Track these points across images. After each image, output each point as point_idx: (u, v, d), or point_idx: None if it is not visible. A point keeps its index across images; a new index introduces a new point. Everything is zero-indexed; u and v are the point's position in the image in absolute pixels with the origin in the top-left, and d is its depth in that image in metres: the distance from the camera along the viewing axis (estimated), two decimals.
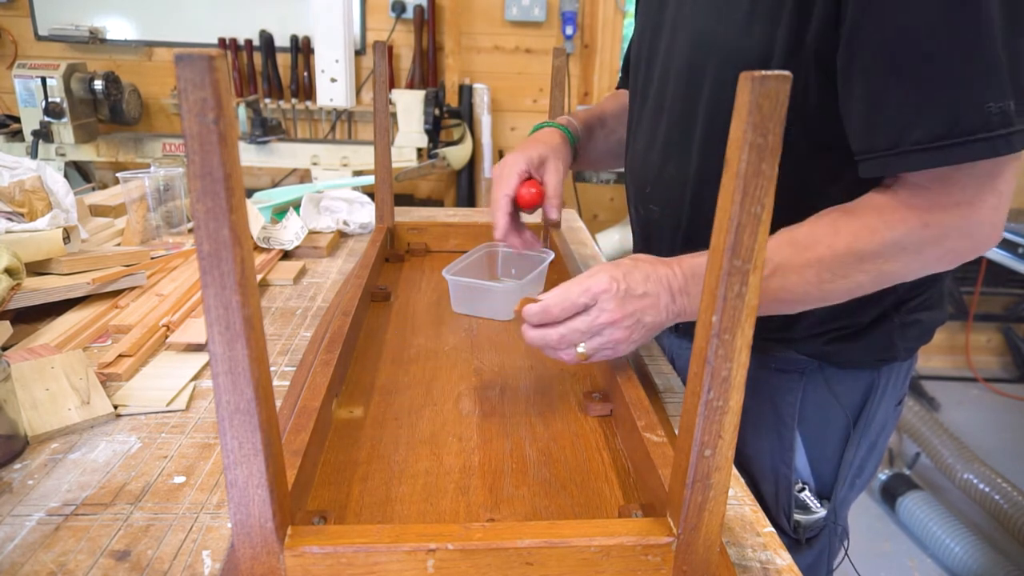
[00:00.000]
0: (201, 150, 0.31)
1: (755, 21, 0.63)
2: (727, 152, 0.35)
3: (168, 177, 1.12)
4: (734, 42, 0.65)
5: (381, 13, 2.53)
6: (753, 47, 0.63)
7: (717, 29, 0.67)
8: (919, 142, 0.54)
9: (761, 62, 0.62)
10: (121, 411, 0.64)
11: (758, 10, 0.62)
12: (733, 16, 0.65)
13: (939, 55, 0.53)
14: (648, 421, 0.56)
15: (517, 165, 0.78)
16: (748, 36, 0.63)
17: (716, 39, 0.67)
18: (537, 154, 0.80)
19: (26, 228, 0.91)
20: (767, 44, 0.62)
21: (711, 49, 0.67)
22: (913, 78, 0.54)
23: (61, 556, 0.46)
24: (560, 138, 0.85)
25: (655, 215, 0.78)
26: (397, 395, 0.68)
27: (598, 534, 0.42)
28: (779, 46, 0.61)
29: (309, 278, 1.03)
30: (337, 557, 0.41)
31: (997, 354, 3.06)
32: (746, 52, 0.64)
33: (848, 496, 0.82)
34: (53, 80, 2.16)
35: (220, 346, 0.34)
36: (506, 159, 0.79)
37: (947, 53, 0.52)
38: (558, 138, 0.85)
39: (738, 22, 0.64)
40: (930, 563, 1.88)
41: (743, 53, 0.64)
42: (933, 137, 0.53)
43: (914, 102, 0.54)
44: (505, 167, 0.78)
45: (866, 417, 0.77)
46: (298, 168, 2.47)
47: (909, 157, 0.55)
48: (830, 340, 0.73)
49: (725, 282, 0.35)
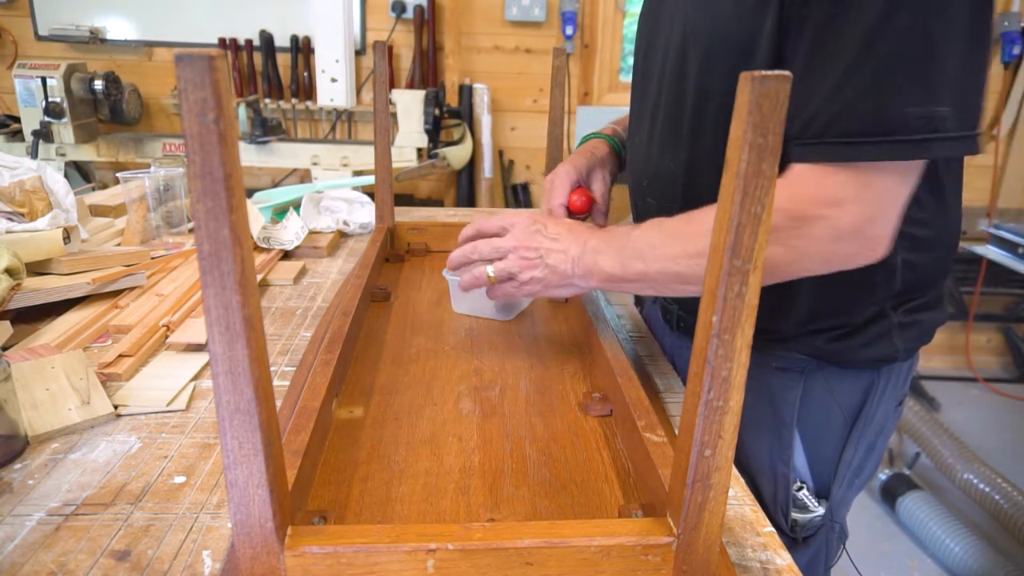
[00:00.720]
0: (201, 150, 0.31)
1: (739, 13, 0.63)
2: (727, 152, 0.35)
3: (168, 177, 1.12)
4: (717, 32, 0.66)
5: (381, 13, 2.53)
6: (737, 39, 0.64)
7: (702, 20, 0.67)
8: (842, 134, 0.55)
9: (745, 54, 0.63)
10: (121, 411, 0.64)
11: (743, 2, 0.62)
12: (717, 8, 0.65)
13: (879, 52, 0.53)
14: (648, 421, 0.56)
15: (569, 176, 0.83)
16: (732, 28, 0.64)
17: (701, 30, 0.68)
18: (586, 165, 0.85)
19: (26, 228, 0.91)
20: (751, 35, 0.62)
21: (697, 40, 0.68)
22: (847, 71, 0.54)
23: (61, 556, 0.46)
24: (607, 148, 0.89)
25: (652, 208, 0.79)
26: (397, 395, 0.68)
27: (598, 534, 0.42)
28: (764, 38, 0.61)
29: (309, 278, 1.03)
30: (337, 557, 0.41)
31: (997, 354, 3.06)
32: (730, 44, 0.64)
33: (847, 496, 0.82)
34: (53, 80, 2.16)
35: (220, 346, 0.34)
36: (557, 170, 0.84)
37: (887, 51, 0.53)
38: (605, 149, 0.89)
39: (722, 14, 0.65)
40: (930, 563, 1.88)
41: (727, 45, 0.65)
42: (852, 132, 0.54)
43: (842, 96, 0.55)
44: (557, 178, 0.83)
45: (865, 417, 0.77)
46: (298, 168, 2.47)
47: (806, 148, 0.56)
48: (829, 339, 0.73)
49: (725, 282, 0.35)
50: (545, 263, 0.67)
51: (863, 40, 0.54)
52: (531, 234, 0.69)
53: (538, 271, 0.68)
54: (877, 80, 0.54)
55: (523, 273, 0.68)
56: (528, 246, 0.68)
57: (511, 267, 0.69)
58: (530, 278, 0.68)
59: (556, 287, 0.68)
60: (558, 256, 0.67)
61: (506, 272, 0.69)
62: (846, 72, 0.55)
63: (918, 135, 0.53)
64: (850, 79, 0.55)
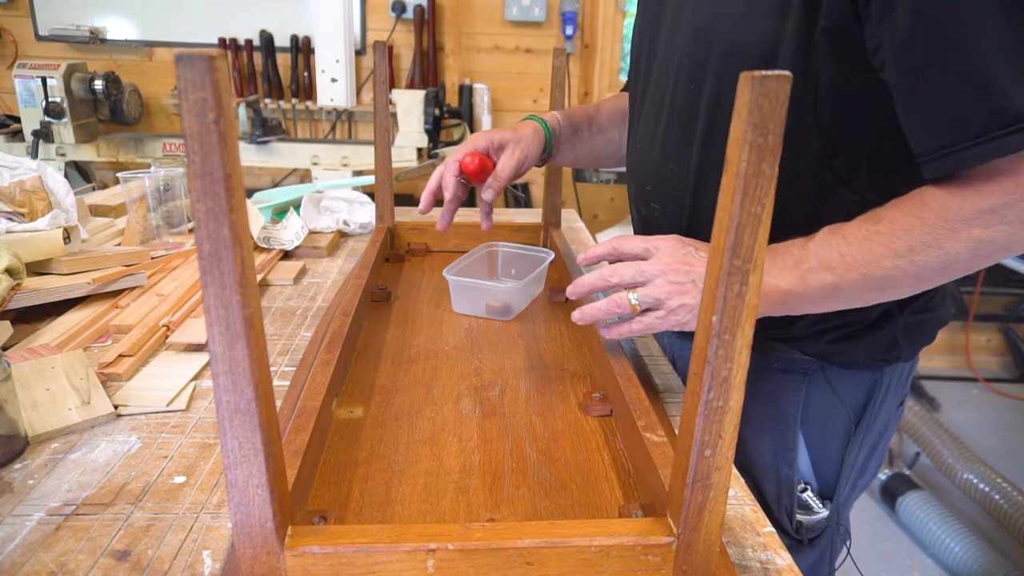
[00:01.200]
0: (201, 150, 0.31)
1: (758, 14, 0.62)
2: (727, 152, 0.35)
3: (168, 177, 1.12)
4: (736, 36, 0.64)
5: (381, 13, 2.53)
6: (757, 41, 0.62)
7: (719, 23, 0.66)
8: (978, 135, 0.52)
9: (767, 56, 0.62)
10: (121, 411, 0.64)
11: (761, 3, 0.62)
12: (734, 9, 0.64)
13: (982, 47, 0.51)
14: (648, 421, 0.56)
15: (475, 142, 0.82)
16: (751, 30, 0.63)
17: (718, 33, 0.66)
18: (499, 137, 0.83)
19: (26, 228, 0.91)
20: (773, 37, 0.61)
21: (713, 43, 0.67)
22: (959, 71, 0.52)
23: (61, 556, 0.46)
24: (532, 129, 0.87)
25: (656, 213, 0.78)
26: (397, 395, 0.68)
27: (598, 534, 0.42)
28: (788, 39, 0.60)
29: (309, 278, 1.03)
30: (337, 557, 0.41)
31: (997, 354, 3.06)
32: (750, 46, 0.63)
33: (850, 496, 0.82)
34: (53, 80, 2.16)
35: (220, 346, 0.34)
36: (470, 136, 0.83)
37: (991, 44, 0.51)
38: (529, 129, 0.87)
39: (739, 15, 0.64)
40: (930, 563, 1.88)
41: (747, 47, 0.64)
42: (989, 128, 0.52)
43: (966, 97, 0.52)
44: (466, 141, 0.82)
45: (869, 418, 0.77)
46: (298, 168, 2.47)
47: (985, 147, 0.52)
48: (833, 340, 0.73)
49: (725, 282, 0.35)
50: (699, 288, 0.59)
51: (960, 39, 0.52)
52: (681, 256, 0.61)
53: (690, 297, 0.59)
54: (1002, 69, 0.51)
55: (672, 299, 0.60)
56: (679, 269, 0.60)
57: (658, 293, 0.60)
58: (679, 305, 0.60)
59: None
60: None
61: (652, 298, 0.61)
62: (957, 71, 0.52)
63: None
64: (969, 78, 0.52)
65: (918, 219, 0.55)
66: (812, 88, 0.61)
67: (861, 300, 0.60)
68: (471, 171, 0.80)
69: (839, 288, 0.58)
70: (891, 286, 0.58)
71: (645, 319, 0.62)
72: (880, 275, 0.57)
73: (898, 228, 0.56)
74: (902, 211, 0.57)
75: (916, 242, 0.55)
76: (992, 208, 0.53)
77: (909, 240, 0.55)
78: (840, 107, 0.61)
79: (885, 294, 0.59)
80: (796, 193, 0.64)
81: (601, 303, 0.63)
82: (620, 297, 0.62)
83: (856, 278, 0.57)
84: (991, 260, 0.57)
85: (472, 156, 0.80)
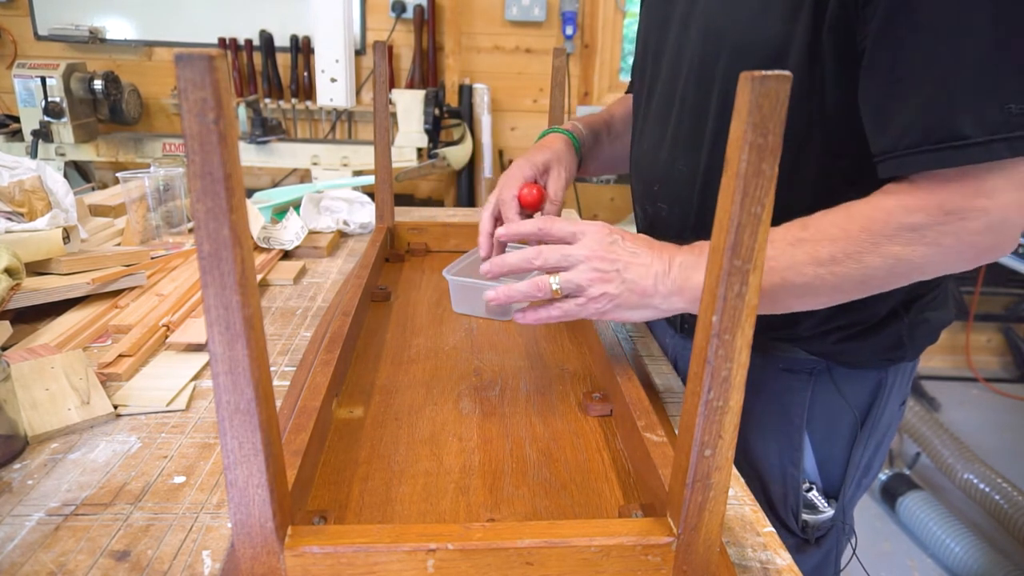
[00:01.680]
0: (201, 150, 0.31)
1: (769, 14, 0.62)
2: (727, 152, 0.35)
3: (168, 177, 1.12)
4: (747, 36, 0.64)
5: (381, 13, 2.53)
6: (767, 41, 0.62)
7: (730, 23, 0.66)
8: (941, 140, 0.53)
9: (777, 56, 0.62)
10: (121, 411, 0.64)
11: (772, 3, 0.62)
12: (746, 9, 0.64)
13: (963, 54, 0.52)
14: (648, 421, 0.56)
15: (522, 169, 0.79)
16: (762, 30, 0.63)
17: (729, 33, 0.66)
18: (542, 160, 0.80)
19: (26, 228, 0.91)
20: (783, 38, 0.61)
21: (723, 43, 0.67)
22: (934, 77, 0.53)
23: (61, 556, 0.46)
24: (565, 144, 0.85)
25: (663, 213, 0.78)
26: (397, 395, 0.68)
27: (598, 534, 0.42)
28: (797, 40, 0.60)
29: (309, 278, 1.03)
30: (337, 557, 0.41)
31: (997, 354, 3.06)
32: (760, 46, 0.63)
33: (855, 496, 0.82)
34: (53, 80, 2.16)
35: (220, 346, 0.34)
36: (512, 165, 0.80)
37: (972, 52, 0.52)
38: (563, 144, 0.85)
39: (750, 16, 0.64)
40: (930, 563, 1.88)
41: (758, 47, 0.63)
42: (953, 136, 0.52)
43: (936, 101, 0.53)
44: (511, 171, 0.79)
45: (874, 417, 0.77)
46: (298, 168, 2.47)
47: (927, 156, 0.54)
48: (839, 340, 0.73)
49: (725, 282, 0.35)
50: (623, 277, 0.58)
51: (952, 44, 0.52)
52: (607, 244, 0.59)
53: (612, 286, 0.59)
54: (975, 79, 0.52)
55: (593, 287, 0.59)
56: (604, 257, 0.59)
57: (580, 279, 0.59)
58: (601, 294, 0.59)
59: (629, 307, 0.60)
60: (639, 271, 0.58)
61: (574, 284, 0.59)
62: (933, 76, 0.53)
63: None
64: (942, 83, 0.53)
65: (844, 230, 0.56)
66: (819, 89, 0.61)
67: (778, 306, 0.60)
68: (530, 202, 0.78)
69: (760, 291, 0.59)
70: (808, 294, 0.58)
71: (564, 305, 0.61)
72: (800, 282, 0.57)
73: (824, 237, 0.57)
74: (829, 221, 0.57)
75: (839, 252, 0.56)
76: (912, 226, 0.54)
77: (833, 249, 0.56)
78: (846, 108, 0.61)
79: (801, 302, 0.59)
80: (800, 194, 0.64)
81: (523, 284, 0.62)
82: (542, 280, 0.60)
83: (777, 282, 0.57)
84: (907, 279, 0.58)
85: (528, 187, 0.78)
